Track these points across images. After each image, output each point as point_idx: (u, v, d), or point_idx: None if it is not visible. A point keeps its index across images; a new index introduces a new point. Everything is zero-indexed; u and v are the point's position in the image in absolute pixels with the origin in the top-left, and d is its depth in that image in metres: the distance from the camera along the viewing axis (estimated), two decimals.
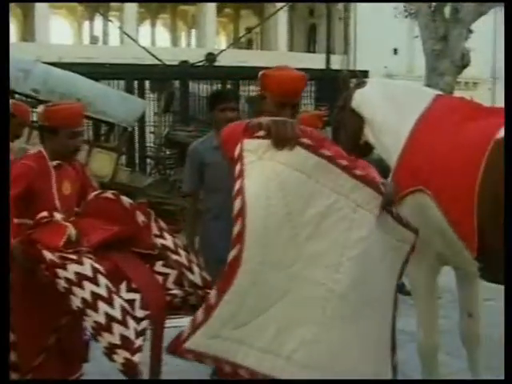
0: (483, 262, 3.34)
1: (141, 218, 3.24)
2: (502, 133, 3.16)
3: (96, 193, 3.50)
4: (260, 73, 3.32)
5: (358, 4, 24.27)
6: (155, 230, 3.26)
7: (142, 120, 13.16)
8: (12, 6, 22.02)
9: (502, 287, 4.87)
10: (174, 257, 3.18)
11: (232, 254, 2.72)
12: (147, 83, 14.50)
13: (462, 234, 3.33)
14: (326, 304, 2.86)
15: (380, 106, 4.06)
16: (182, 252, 3.24)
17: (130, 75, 13.80)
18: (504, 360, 2.43)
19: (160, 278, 3.12)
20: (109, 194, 3.37)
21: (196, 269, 3.23)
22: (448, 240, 3.47)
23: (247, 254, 2.70)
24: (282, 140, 2.86)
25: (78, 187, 3.68)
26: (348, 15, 24.62)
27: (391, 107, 4.00)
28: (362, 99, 4.17)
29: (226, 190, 4.28)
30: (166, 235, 3.28)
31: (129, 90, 13.36)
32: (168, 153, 13.23)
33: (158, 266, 3.14)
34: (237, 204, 2.74)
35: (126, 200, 3.29)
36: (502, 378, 4.58)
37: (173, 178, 11.89)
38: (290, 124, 2.93)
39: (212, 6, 23.98)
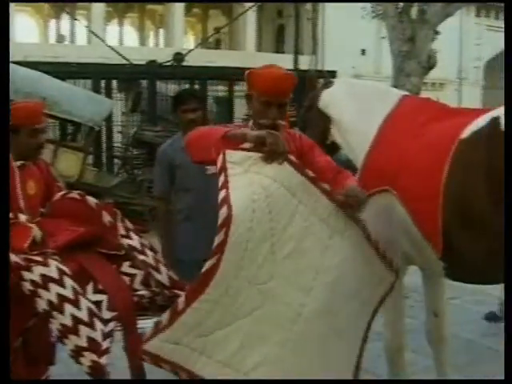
0: (448, 262, 3.36)
1: (107, 218, 3.21)
2: (466, 132, 3.19)
3: (62, 193, 3.46)
4: (247, 71, 3.25)
5: (326, 5, 24.37)
6: (122, 231, 3.24)
7: (109, 120, 13.07)
8: None
9: (465, 286, 4.94)
10: (141, 257, 3.16)
11: (209, 262, 2.67)
12: (114, 83, 14.41)
13: (427, 234, 3.35)
14: (292, 326, 2.85)
15: (347, 107, 4.08)
16: (148, 252, 3.22)
17: (97, 75, 13.70)
18: (504, 360, 2.44)
19: (127, 279, 3.09)
20: (75, 194, 3.34)
21: (163, 269, 3.22)
22: (413, 240, 3.49)
23: (224, 265, 2.66)
24: (275, 154, 2.85)
25: (43, 187, 3.64)
26: (316, 16, 24.70)
27: (358, 107, 4.02)
28: (330, 99, 4.18)
29: (196, 190, 4.28)
30: (133, 235, 3.26)
31: (96, 89, 13.26)
32: (135, 153, 13.15)
33: (125, 267, 3.11)
34: (222, 213, 2.69)
35: (92, 200, 3.26)
36: (468, 375, 4.68)
37: (140, 178, 11.83)
38: (282, 139, 2.91)
39: (180, 6, 23.87)
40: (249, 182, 2.79)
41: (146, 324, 3.01)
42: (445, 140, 3.31)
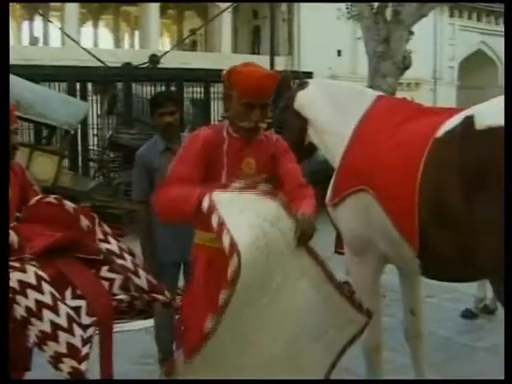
0: (424, 260, 3.38)
1: (85, 222, 3.18)
2: (441, 132, 3.21)
3: (38, 197, 3.42)
4: (225, 70, 3.15)
5: (301, 6, 24.41)
6: (100, 235, 3.20)
7: (84, 122, 13.00)
8: None
9: (442, 284, 4.98)
10: (120, 261, 3.13)
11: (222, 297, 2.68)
12: (89, 85, 14.33)
13: (404, 233, 3.37)
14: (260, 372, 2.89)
15: (323, 107, 4.09)
16: (127, 256, 3.18)
17: (72, 77, 13.61)
18: (504, 360, 2.46)
19: (106, 284, 3.05)
20: (51, 198, 3.30)
21: (142, 273, 3.19)
22: (390, 238, 3.51)
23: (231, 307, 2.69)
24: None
25: (18, 191, 3.60)
26: (292, 17, 24.73)
27: (334, 108, 4.04)
28: (305, 100, 4.19)
29: None
30: (111, 239, 3.22)
31: (71, 92, 13.18)
32: (112, 156, 13.09)
33: (104, 271, 3.07)
34: (233, 264, 2.64)
35: (69, 204, 3.22)
36: (445, 373, 4.71)
37: (117, 181, 11.78)
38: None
39: (155, 7, 23.76)
40: (248, 224, 2.76)
41: (122, 328, 3.00)
42: (420, 139, 3.33)
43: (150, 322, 4.15)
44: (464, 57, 29.45)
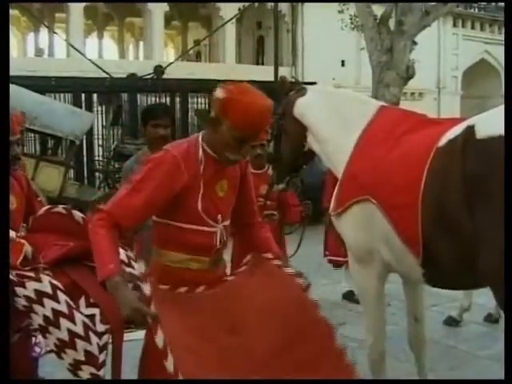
0: (427, 268, 3.41)
1: None
2: (443, 141, 3.25)
3: (46, 207, 3.46)
4: (220, 91, 2.76)
5: (305, 16, 24.49)
6: None
7: (90, 133, 13.06)
8: None
9: (446, 293, 5.00)
10: (128, 269, 3.16)
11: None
12: (95, 96, 14.40)
13: (407, 241, 3.40)
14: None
15: (324, 116, 4.11)
16: (135, 265, 3.20)
17: (77, 88, 13.69)
18: (504, 360, 2.48)
19: None
20: (60, 208, 3.33)
21: None
22: (394, 247, 3.54)
23: None
24: None
25: (24, 201, 3.63)
26: (295, 28, 24.81)
27: (336, 117, 4.06)
28: (305, 107, 4.20)
29: None
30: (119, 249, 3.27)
31: (76, 103, 13.24)
32: (117, 166, 13.14)
33: None
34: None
35: (78, 214, 3.25)
36: (449, 380, 4.72)
37: None
38: None
39: (160, 18, 23.85)
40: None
41: (128, 337, 3.03)
42: (422, 149, 3.35)
43: None
44: (468, 66, 29.47)
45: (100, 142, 14.35)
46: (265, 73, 16.23)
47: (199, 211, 2.90)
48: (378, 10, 13.77)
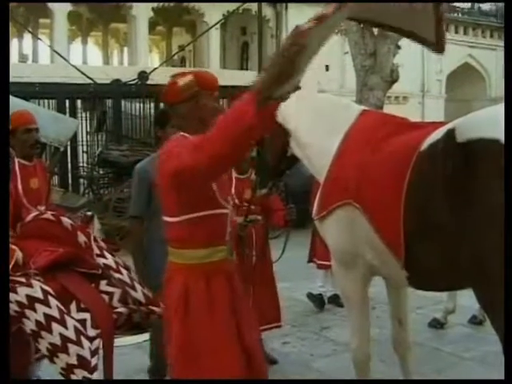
0: (410, 271, 3.42)
1: (82, 238, 3.23)
2: (424, 145, 3.26)
3: (35, 214, 3.48)
4: (182, 80, 3.10)
5: (289, 21, 24.55)
6: (96, 250, 3.26)
7: (74, 139, 12.99)
8: None
9: (431, 295, 5.02)
10: (117, 275, 3.20)
11: None
12: (79, 102, 14.35)
13: (390, 245, 3.41)
14: None
15: (305, 120, 4.13)
16: (123, 270, 3.26)
17: (61, 94, 13.62)
18: (504, 360, 2.50)
19: (106, 297, 3.12)
20: (49, 215, 3.35)
21: (138, 286, 3.26)
22: (377, 250, 3.56)
23: None
24: None
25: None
26: (280, 33, 24.87)
27: (318, 122, 4.07)
28: (287, 112, 4.21)
29: None
30: (107, 254, 3.29)
31: (60, 109, 13.18)
32: (101, 172, 13.10)
33: (103, 285, 3.14)
34: None
35: (66, 221, 3.27)
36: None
37: (107, 198, 11.79)
38: None
39: (144, 24, 23.80)
40: None
41: (123, 343, 3.05)
42: (405, 153, 3.37)
43: (140, 338, 4.17)
44: (451, 70, 29.66)
45: (84, 148, 14.28)
46: (249, 78, 16.19)
47: (215, 193, 2.95)
48: None
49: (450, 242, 3.05)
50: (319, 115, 4.10)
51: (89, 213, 3.59)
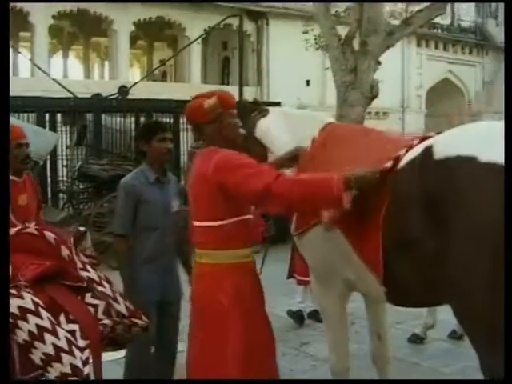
0: (389, 287, 3.43)
1: (65, 252, 3.25)
2: (402, 162, 3.26)
3: (18, 228, 3.47)
4: (206, 103, 3.43)
5: (270, 37, 24.71)
6: (79, 264, 3.28)
7: (54, 153, 12.93)
8: None
9: (410, 310, 5.04)
10: (100, 288, 3.21)
11: None
12: (59, 116, 14.30)
13: (368, 260, 3.40)
14: None
15: (282, 136, 4.16)
16: (105, 284, 3.26)
17: (41, 108, 13.55)
18: (504, 360, 2.50)
19: (91, 309, 3.14)
20: (32, 229, 3.35)
21: (120, 299, 3.28)
22: (355, 267, 3.55)
23: None
24: None
25: (35, 200, 3.71)
26: (261, 48, 25.00)
27: (292, 137, 4.11)
28: (265, 129, 4.25)
29: (161, 229, 4.21)
30: (89, 268, 3.31)
31: (40, 123, 13.10)
32: (81, 187, 13.04)
33: (88, 298, 3.15)
34: None
35: (49, 235, 3.28)
36: None
37: (86, 213, 11.72)
38: None
39: (125, 38, 23.81)
40: None
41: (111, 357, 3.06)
42: (381, 169, 3.36)
43: (119, 354, 4.15)
44: (431, 85, 29.95)
45: (64, 163, 14.22)
46: (230, 92, 16.24)
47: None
48: (342, 30, 13.93)
49: (427, 259, 3.06)
50: (294, 131, 4.14)
51: (82, 228, 3.55)
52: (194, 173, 3.46)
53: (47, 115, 13.75)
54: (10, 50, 26.33)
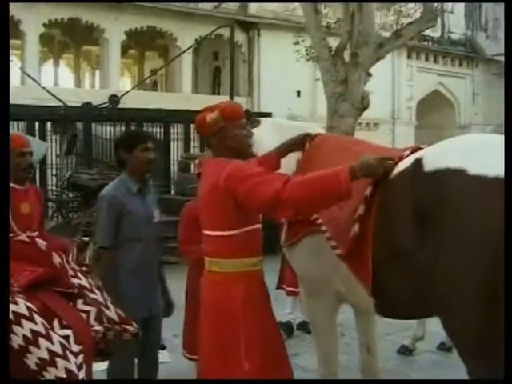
0: (378, 299, 3.42)
1: (57, 259, 3.26)
2: (392, 174, 3.26)
3: (10, 236, 3.47)
4: (209, 116, 3.47)
5: (261, 47, 24.80)
6: (70, 271, 3.29)
7: (43, 162, 12.93)
8: None
9: (400, 322, 5.03)
10: (91, 295, 3.24)
11: None
12: (49, 124, 14.27)
13: (358, 272, 3.40)
14: None
15: (272, 147, 4.16)
16: (96, 291, 3.29)
17: (31, 116, 13.54)
18: (504, 360, 2.49)
19: (83, 315, 3.16)
20: (23, 236, 3.37)
21: (111, 306, 3.30)
22: (344, 278, 3.55)
23: None
24: None
25: (38, 208, 3.70)
26: (252, 58, 25.08)
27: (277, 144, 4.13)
28: (258, 138, 4.26)
29: (145, 240, 4.18)
30: (80, 275, 3.33)
31: (30, 131, 13.09)
32: (70, 196, 13.01)
33: (80, 304, 3.18)
34: None
35: (41, 242, 3.28)
36: None
37: (76, 222, 11.68)
38: None
39: (116, 47, 23.83)
40: None
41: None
42: (370, 181, 3.36)
43: (106, 364, 4.12)
44: (421, 97, 30.09)
45: (54, 172, 14.20)
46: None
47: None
48: (333, 41, 14.00)
49: (416, 271, 3.06)
50: (282, 140, 4.14)
51: (85, 238, 3.53)
52: (203, 183, 3.51)
53: (37, 124, 13.74)
54: None
